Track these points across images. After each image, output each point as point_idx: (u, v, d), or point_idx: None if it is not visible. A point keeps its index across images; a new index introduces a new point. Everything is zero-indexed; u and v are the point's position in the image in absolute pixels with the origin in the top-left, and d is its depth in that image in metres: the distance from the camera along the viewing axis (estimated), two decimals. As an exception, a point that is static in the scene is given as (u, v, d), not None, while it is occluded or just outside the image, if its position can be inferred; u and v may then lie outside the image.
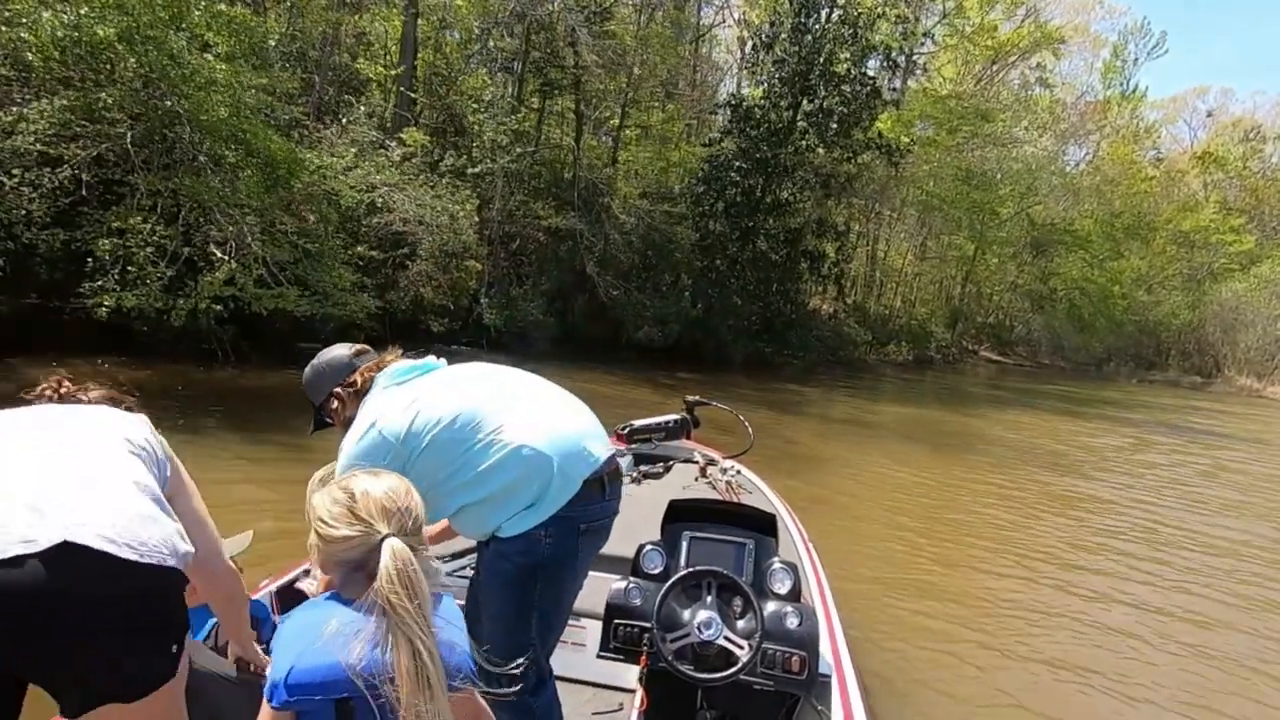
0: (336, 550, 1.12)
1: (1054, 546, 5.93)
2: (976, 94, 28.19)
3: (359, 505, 1.12)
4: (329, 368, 1.81)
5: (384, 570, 1.05)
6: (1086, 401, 20.80)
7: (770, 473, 3.78)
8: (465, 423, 1.61)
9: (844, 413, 13.14)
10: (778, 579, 2.18)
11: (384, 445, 1.58)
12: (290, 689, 1.04)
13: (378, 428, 1.60)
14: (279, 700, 1.04)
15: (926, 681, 3.48)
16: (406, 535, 1.12)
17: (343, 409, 1.78)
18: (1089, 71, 41.25)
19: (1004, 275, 33.80)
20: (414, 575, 1.06)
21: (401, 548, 1.08)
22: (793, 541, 2.90)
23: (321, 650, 1.05)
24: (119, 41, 6.09)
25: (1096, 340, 36.86)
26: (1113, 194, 35.10)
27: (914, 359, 25.88)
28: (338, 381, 1.79)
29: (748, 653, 1.92)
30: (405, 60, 15.72)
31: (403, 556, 1.07)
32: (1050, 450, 11.01)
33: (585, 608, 2.16)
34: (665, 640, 1.97)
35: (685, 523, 2.36)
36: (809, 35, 16.68)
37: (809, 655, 1.99)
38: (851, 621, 2.81)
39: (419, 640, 1.02)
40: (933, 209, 26.82)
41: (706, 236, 17.73)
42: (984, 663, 3.77)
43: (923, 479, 8.04)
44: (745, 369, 17.28)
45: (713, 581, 2.04)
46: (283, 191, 8.23)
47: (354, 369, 1.78)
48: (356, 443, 1.60)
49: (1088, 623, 4.38)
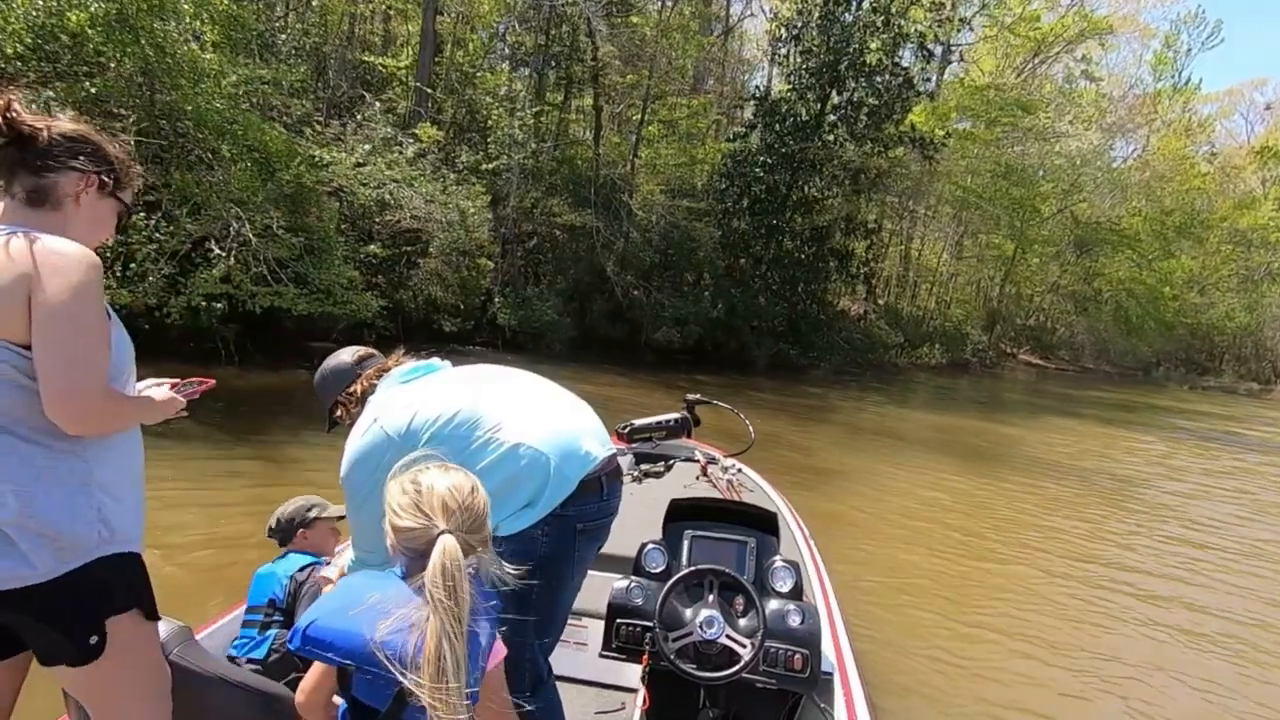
0: (402, 538, 1.17)
1: (1078, 563, 5.56)
2: (1017, 86, 27.00)
3: (423, 499, 1.17)
4: (332, 375, 1.85)
5: (432, 565, 1.10)
6: (1135, 408, 19.67)
7: (784, 487, 3.76)
8: (463, 421, 1.62)
9: (870, 420, 12.45)
10: (779, 577, 2.18)
11: (384, 442, 1.59)
12: (305, 639, 1.11)
13: (379, 424, 1.62)
14: (294, 645, 1.12)
15: (929, 679, 3.48)
16: (465, 533, 1.16)
17: (347, 413, 1.81)
18: (1138, 64, 39.56)
19: (1045, 276, 32.36)
20: (458, 574, 1.10)
21: (453, 545, 1.12)
22: (794, 540, 2.90)
23: (350, 617, 1.10)
24: (91, 27, 5.81)
25: (1145, 344, 35.21)
26: (1163, 191, 33.42)
27: (948, 363, 24.85)
28: (340, 389, 1.83)
29: (750, 651, 1.92)
30: (423, 56, 15.52)
31: (452, 555, 1.11)
32: (1095, 463, 10.21)
33: (587, 607, 2.16)
34: (667, 639, 1.97)
35: (686, 522, 2.35)
36: (838, 25, 15.98)
37: (811, 653, 1.97)
38: (854, 619, 2.79)
39: (447, 637, 1.05)
40: (970, 206, 25.71)
41: (730, 234, 17.15)
42: (985, 663, 3.77)
43: (950, 494, 7.40)
44: (769, 372, 16.65)
45: (714, 580, 2.04)
46: (274, 185, 7.91)
47: (355, 377, 1.82)
48: (360, 438, 1.63)
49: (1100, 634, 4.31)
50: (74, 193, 1.28)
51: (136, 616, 1.31)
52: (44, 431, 1.20)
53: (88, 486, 1.23)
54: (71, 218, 1.28)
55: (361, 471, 1.60)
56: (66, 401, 1.17)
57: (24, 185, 1.24)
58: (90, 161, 1.29)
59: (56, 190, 1.26)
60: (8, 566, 1.17)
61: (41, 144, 1.24)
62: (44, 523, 1.18)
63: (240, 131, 7.22)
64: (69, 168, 1.26)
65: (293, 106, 10.90)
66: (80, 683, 1.29)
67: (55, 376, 1.16)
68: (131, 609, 1.30)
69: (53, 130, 1.25)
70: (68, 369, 1.17)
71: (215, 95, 7.21)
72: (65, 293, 1.16)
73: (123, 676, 1.30)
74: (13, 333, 1.16)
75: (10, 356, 1.17)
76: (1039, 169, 26.88)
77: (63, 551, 1.20)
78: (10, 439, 1.18)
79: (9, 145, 1.23)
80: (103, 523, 1.25)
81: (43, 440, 1.20)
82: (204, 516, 4.38)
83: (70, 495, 1.21)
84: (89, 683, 1.28)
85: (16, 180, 1.24)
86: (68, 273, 1.17)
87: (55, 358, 1.16)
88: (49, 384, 1.16)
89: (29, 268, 1.16)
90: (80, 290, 1.18)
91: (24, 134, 1.23)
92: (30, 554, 1.17)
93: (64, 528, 1.20)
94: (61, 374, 1.16)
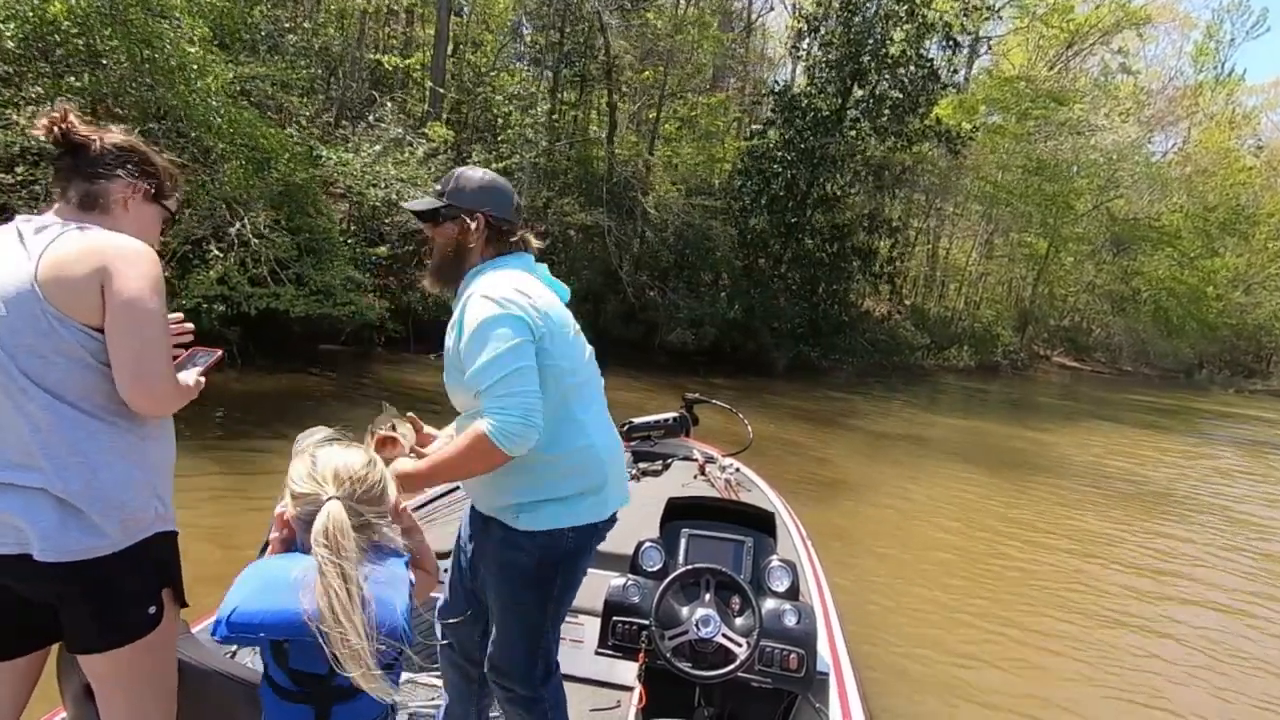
0: (299, 506, 1.26)
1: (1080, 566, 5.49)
2: (1050, 79, 26.04)
3: (316, 468, 1.27)
4: (503, 189, 1.68)
5: (316, 524, 1.20)
6: (1178, 413, 18.77)
7: (794, 499, 3.74)
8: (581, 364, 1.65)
9: (893, 426, 11.90)
10: (776, 577, 2.18)
11: (525, 319, 1.52)
12: (231, 626, 1.15)
13: (527, 297, 1.55)
14: (220, 635, 1.16)
15: (925, 680, 3.48)
16: (355, 501, 1.25)
17: (472, 238, 1.63)
18: (1178, 55, 38.14)
19: (1080, 275, 31.18)
20: (341, 536, 1.18)
21: (338, 510, 1.21)
22: (791, 540, 2.89)
23: (276, 594, 1.17)
24: (67, 19, 5.64)
25: (1186, 345, 33.82)
26: (1205, 186, 31.99)
27: (978, 365, 24.02)
28: (501, 210, 1.65)
29: (746, 650, 1.92)
30: (437, 55, 15.39)
31: (337, 518, 1.20)
32: (1133, 471, 9.58)
33: (583, 605, 2.16)
34: (663, 637, 1.97)
35: (684, 520, 2.36)
36: (859, 15, 15.44)
37: (807, 653, 1.98)
38: (850, 620, 2.79)
39: (336, 591, 1.13)
40: (1000, 203, 24.82)
41: (747, 233, 16.68)
42: (985, 664, 3.76)
43: (973, 507, 6.91)
44: (788, 375, 16.14)
45: (711, 579, 2.04)
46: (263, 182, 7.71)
47: (515, 223, 1.69)
48: (507, 290, 1.53)
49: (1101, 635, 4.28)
50: (122, 198, 1.38)
51: (170, 595, 1.38)
52: (108, 410, 1.28)
53: (145, 464, 1.32)
54: (120, 221, 1.37)
55: (507, 321, 1.49)
56: (142, 383, 1.26)
57: (78, 190, 1.34)
58: (137, 170, 1.40)
59: (107, 195, 1.36)
60: (77, 537, 1.23)
61: (94, 153, 1.35)
62: (111, 496, 1.26)
63: (227, 126, 7.01)
64: (117, 175, 1.37)
65: (297, 105, 10.76)
66: (107, 666, 1.31)
67: (132, 361, 1.25)
68: (172, 587, 1.39)
69: (104, 141, 1.36)
70: (142, 354, 1.26)
71: (207, 93, 7.02)
72: (138, 283, 1.26)
73: (145, 661, 1.34)
74: (88, 317, 1.25)
75: (84, 339, 1.25)
76: (1073, 164, 25.82)
77: (127, 524, 1.28)
78: (80, 415, 1.25)
79: (65, 154, 1.34)
80: (158, 499, 1.34)
81: (107, 418, 1.28)
82: (204, 513, 4.27)
83: (129, 471, 1.29)
84: (115, 666, 1.31)
85: (71, 186, 1.34)
86: (139, 264, 1.28)
87: (131, 343, 1.25)
88: (126, 367, 1.25)
89: (105, 259, 1.25)
90: (151, 281, 1.28)
91: (78, 144, 1.34)
92: (101, 524, 1.25)
93: (128, 501, 1.28)
94: (137, 359, 1.26)
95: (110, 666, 1.31)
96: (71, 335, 1.23)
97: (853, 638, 2.48)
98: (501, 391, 1.45)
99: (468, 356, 1.50)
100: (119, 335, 1.24)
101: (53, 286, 1.22)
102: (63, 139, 1.32)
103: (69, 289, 1.23)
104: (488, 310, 1.49)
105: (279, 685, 1.26)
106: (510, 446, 1.45)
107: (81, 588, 1.25)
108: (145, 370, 1.26)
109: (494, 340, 1.47)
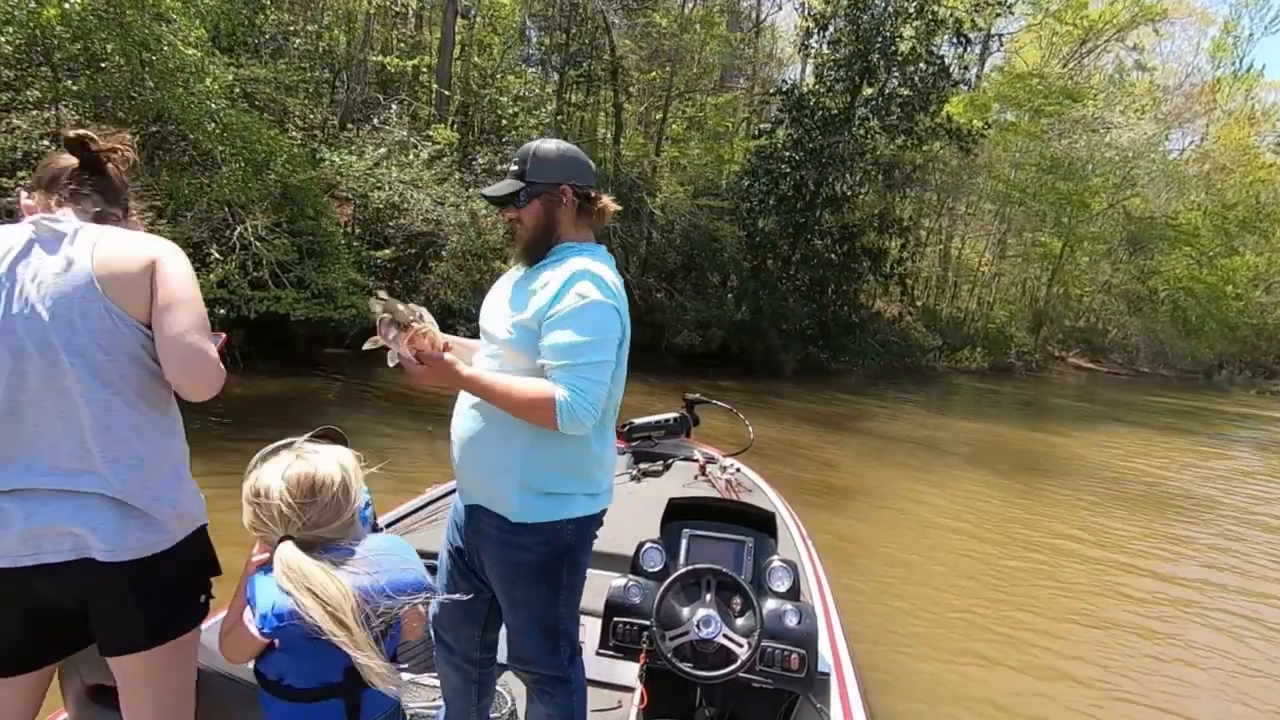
0: (260, 540, 1.34)
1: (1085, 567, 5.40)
2: (1064, 76, 25.65)
3: (261, 509, 1.31)
4: (580, 158, 1.67)
5: (275, 570, 1.24)
6: (1198, 414, 18.37)
7: (802, 501, 3.76)
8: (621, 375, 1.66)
9: (903, 429, 11.69)
10: (777, 577, 2.18)
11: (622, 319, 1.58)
12: (279, 617, 1.24)
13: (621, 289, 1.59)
14: (269, 628, 1.26)
15: (927, 680, 3.47)
16: (312, 529, 1.29)
17: (562, 214, 1.63)
18: (1195, 51, 37.54)
19: (1096, 274, 30.69)
20: (300, 572, 1.22)
21: (289, 554, 1.24)
22: (792, 540, 2.90)
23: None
24: (62, 23, 5.60)
25: (1206, 346, 33.18)
26: (1224, 183, 31.41)
27: (990, 366, 23.68)
28: (584, 179, 1.66)
29: (747, 651, 1.93)
30: (443, 58, 15.37)
31: (289, 561, 1.23)
32: (1151, 474, 9.32)
33: (584, 605, 2.13)
34: (664, 638, 1.97)
35: (684, 521, 2.37)
36: (868, 12, 15.24)
37: (808, 653, 1.98)
38: (851, 620, 2.77)
39: (319, 614, 1.18)
40: (1013, 202, 24.46)
41: (755, 234, 16.51)
42: (986, 666, 3.74)
43: (982, 510, 6.72)
44: (796, 377, 15.95)
45: (712, 579, 2.04)
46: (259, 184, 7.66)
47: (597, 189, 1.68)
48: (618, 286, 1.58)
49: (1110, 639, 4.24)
50: (130, 216, 1.44)
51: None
52: (157, 409, 1.32)
53: (185, 460, 1.37)
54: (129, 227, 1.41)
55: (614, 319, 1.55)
56: (195, 374, 1.29)
57: (93, 204, 1.36)
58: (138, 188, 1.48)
59: (117, 209, 1.40)
60: (139, 535, 1.26)
61: (116, 184, 1.40)
62: (165, 494, 1.29)
63: (220, 130, 6.95)
64: (128, 198, 1.43)
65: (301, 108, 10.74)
66: (141, 665, 1.32)
67: (186, 351, 1.27)
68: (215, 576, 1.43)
69: (123, 167, 1.42)
70: (195, 344, 1.28)
71: (206, 96, 6.98)
72: (184, 276, 1.30)
73: (177, 657, 1.36)
74: (141, 313, 1.27)
75: (141, 337, 1.27)
76: (1088, 162, 25.41)
77: (182, 519, 1.32)
78: (136, 414, 1.27)
79: (85, 171, 1.37)
80: (197, 495, 1.38)
81: (157, 416, 1.31)
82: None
83: (178, 468, 1.34)
84: (149, 664, 1.32)
85: (88, 199, 1.36)
86: (178, 257, 1.32)
87: (185, 333, 1.27)
88: (177, 358, 1.26)
89: (152, 256, 1.28)
90: (191, 274, 1.33)
91: (97, 164, 1.38)
92: (161, 521, 1.28)
93: (180, 498, 1.32)
94: (190, 349, 1.28)
95: (143, 665, 1.32)
96: (131, 333, 1.25)
97: (854, 638, 2.47)
98: (587, 374, 1.49)
99: (560, 324, 1.49)
100: (174, 323, 1.26)
101: (111, 283, 1.24)
102: (88, 161, 1.36)
103: (127, 285, 1.25)
104: (596, 293, 1.50)
105: (302, 689, 1.31)
106: (569, 424, 1.48)
107: (137, 585, 1.28)
108: (199, 361, 1.29)
109: (601, 326, 1.50)
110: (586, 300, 1.49)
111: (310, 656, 1.29)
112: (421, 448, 6.75)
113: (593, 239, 1.69)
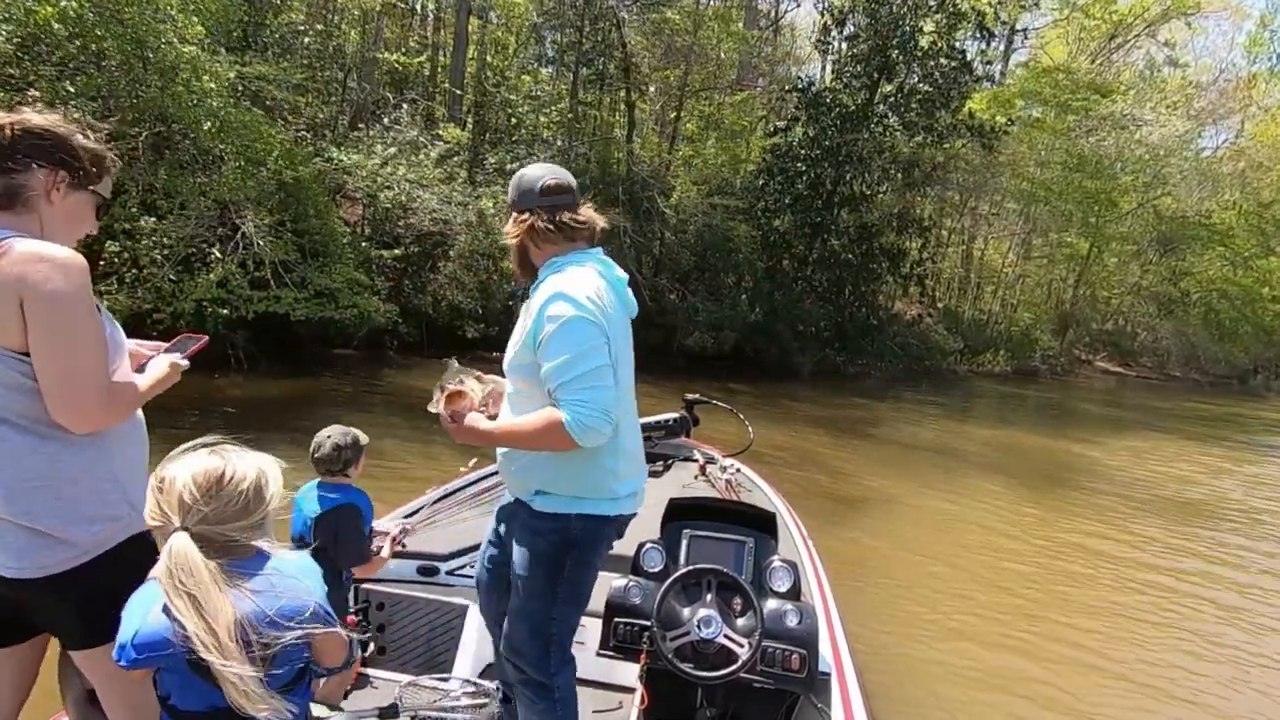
0: (157, 537, 1.23)
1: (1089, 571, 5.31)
2: (1092, 72, 24.95)
3: (163, 495, 1.21)
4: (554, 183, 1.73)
5: (160, 563, 1.16)
6: (1231, 421, 17.70)
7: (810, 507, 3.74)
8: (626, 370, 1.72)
9: (921, 436, 11.32)
10: (777, 577, 2.18)
11: (599, 323, 1.59)
12: (138, 649, 1.14)
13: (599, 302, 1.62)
14: (126, 660, 1.15)
15: (928, 680, 3.45)
16: (208, 524, 1.19)
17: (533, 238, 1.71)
18: (1229, 47, 36.43)
19: (1125, 276, 29.84)
20: (186, 568, 1.13)
21: (180, 545, 1.15)
22: (793, 540, 2.89)
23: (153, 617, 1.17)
24: (59, 21, 5.54)
25: (1240, 350, 32.12)
26: (1260, 182, 30.36)
27: (1014, 370, 23.07)
28: (556, 201, 1.70)
29: (747, 651, 1.93)
30: (456, 57, 15.30)
31: (178, 553, 1.15)
32: (1180, 482, 8.89)
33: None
34: (665, 638, 1.97)
35: (685, 521, 2.36)
36: (886, 6, 14.87)
37: (809, 653, 1.98)
38: (852, 620, 2.74)
39: (194, 623, 1.11)
40: (1038, 201, 23.82)
41: (771, 234, 16.20)
42: (986, 667, 3.71)
43: (998, 516, 6.42)
44: (812, 380, 15.61)
45: (712, 580, 2.05)
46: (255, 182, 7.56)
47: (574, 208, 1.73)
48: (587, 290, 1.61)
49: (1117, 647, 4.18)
50: (44, 190, 1.28)
51: None
52: (60, 427, 1.24)
53: (112, 473, 1.30)
54: (46, 217, 1.29)
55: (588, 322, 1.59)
56: (70, 409, 1.22)
57: None
58: (56, 157, 1.28)
59: (25, 190, 1.26)
60: (48, 553, 1.24)
61: (5, 144, 1.24)
62: (78, 513, 1.25)
63: (216, 128, 6.86)
64: (35, 165, 1.26)
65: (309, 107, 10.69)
66: (101, 661, 1.31)
67: (56, 387, 1.20)
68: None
69: (14, 127, 1.25)
70: (66, 379, 1.21)
71: (204, 93, 6.89)
72: (55, 302, 1.19)
73: None
74: (16, 342, 1.19)
75: (13, 363, 1.21)
76: (1117, 160, 24.68)
77: (99, 535, 1.28)
78: (32, 439, 1.22)
79: None
80: (129, 505, 1.33)
81: (64, 436, 1.24)
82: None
83: (96, 484, 1.28)
84: (108, 660, 1.26)
85: None
86: (55, 281, 1.19)
87: (53, 368, 1.20)
88: (51, 394, 1.21)
89: (17, 278, 1.17)
90: (69, 298, 1.20)
91: None
92: (71, 539, 1.25)
93: (98, 514, 1.27)
94: (61, 384, 1.20)
95: (104, 660, 1.29)
96: (6, 364, 1.20)
97: (854, 638, 2.46)
98: (582, 385, 1.54)
99: (545, 352, 1.58)
100: (41, 360, 1.19)
101: None
102: None
103: None
104: (567, 310, 1.56)
105: (187, 711, 1.24)
106: (585, 438, 1.53)
107: (60, 596, 1.27)
108: (73, 396, 1.21)
109: (579, 339, 1.55)
110: (560, 320, 1.56)
111: (194, 678, 1.20)
112: (422, 449, 6.61)
113: (579, 248, 1.74)
